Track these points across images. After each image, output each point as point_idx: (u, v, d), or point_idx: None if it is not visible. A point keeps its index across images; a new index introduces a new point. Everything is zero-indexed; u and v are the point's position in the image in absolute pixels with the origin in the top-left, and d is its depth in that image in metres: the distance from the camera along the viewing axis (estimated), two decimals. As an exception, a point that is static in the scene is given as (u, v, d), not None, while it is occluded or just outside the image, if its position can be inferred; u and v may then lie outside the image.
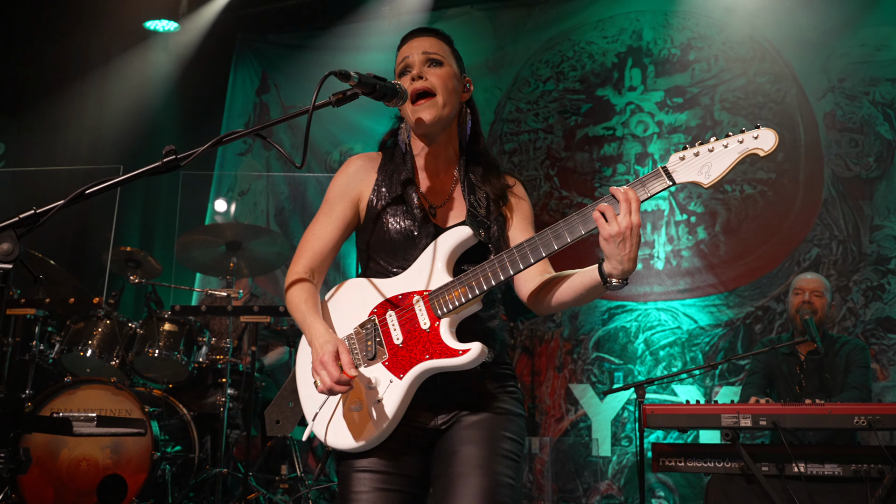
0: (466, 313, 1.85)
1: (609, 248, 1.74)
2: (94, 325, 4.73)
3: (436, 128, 1.97)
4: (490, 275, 1.81)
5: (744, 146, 1.73)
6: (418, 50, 1.99)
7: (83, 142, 7.23)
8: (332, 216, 2.01)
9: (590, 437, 5.77)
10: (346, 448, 1.86)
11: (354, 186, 2.03)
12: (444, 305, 1.82)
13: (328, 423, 1.89)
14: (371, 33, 6.96)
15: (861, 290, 5.38)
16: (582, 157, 6.27)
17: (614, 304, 5.95)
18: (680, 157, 1.76)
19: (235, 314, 4.66)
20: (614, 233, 1.72)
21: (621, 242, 1.72)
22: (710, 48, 6.06)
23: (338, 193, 2.03)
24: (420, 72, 1.96)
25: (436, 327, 1.82)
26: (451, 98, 1.98)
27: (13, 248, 1.55)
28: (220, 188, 7.31)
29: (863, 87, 5.62)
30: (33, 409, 4.35)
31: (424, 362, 1.80)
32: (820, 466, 3.49)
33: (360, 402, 1.85)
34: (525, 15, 6.62)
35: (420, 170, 2.04)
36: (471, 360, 1.77)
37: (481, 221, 1.95)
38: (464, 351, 1.78)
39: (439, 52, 2.00)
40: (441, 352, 1.80)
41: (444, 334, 1.81)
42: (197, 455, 4.65)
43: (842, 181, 5.57)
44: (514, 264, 1.80)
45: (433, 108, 1.94)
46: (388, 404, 1.81)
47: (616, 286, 1.79)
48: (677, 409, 3.66)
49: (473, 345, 1.78)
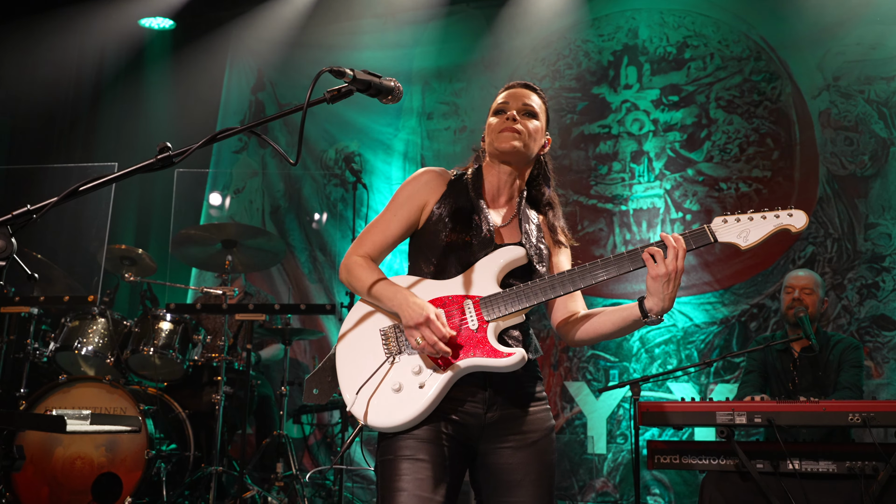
0: (510, 323, 2.07)
1: (655, 286, 1.99)
2: (88, 324, 4.72)
3: (512, 156, 2.19)
4: (539, 292, 2.04)
5: (779, 221, 2.04)
6: (520, 100, 2.23)
7: (77, 140, 7.21)
8: (398, 215, 2.19)
9: (585, 435, 5.77)
10: (382, 426, 1.99)
11: (423, 193, 2.20)
12: (493, 311, 2.04)
13: (368, 402, 2.01)
14: (367, 31, 6.95)
15: (856, 288, 5.39)
16: (577, 155, 6.27)
17: (609, 301, 5.95)
18: (723, 220, 2.05)
19: (231, 312, 4.65)
20: (662, 273, 1.98)
21: (666, 283, 1.97)
22: (706, 46, 6.07)
23: (407, 196, 2.20)
24: (516, 117, 2.18)
25: (483, 329, 2.02)
26: (532, 144, 2.21)
27: (7, 245, 1.54)
28: (216, 186, 7.30)
29: (858, 85, 5.63)
30: (28, 407, 4.33)
31: (470, 358, 2.00)
32: (814, 463, 3.49)
33: (401, 385, 2.00)
34: (521, 13, 6.61)
35: (487, 192, 2.24)
36: (514, 363, 1.98)
37: (534, 246, 2.17)
38: (508, 353, 1.99)
39: (537, 109, 2.23)
40: (487, 352, 2.00)
41: (490, 336, 2.02)
42: (192, 453, 4.64)
43: (837, 179, 5.58)
44: (562, 286, 2.04)
45: (519, 139, 2.17)
46: (430, 390, 1.98)
47: (652, 321, 2.03)
48: (673, 406, 3.66)
49: (518, 350, 2.00)
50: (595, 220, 6.11)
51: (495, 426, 2.06)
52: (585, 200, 6.15)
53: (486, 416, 2.05)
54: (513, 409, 2.08)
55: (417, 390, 1.99)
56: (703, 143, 5.95)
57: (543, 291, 2.05)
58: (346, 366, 2.10)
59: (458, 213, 2.16)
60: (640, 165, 6.07)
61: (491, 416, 2.06)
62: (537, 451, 2.08)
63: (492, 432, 2.06)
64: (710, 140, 5.94)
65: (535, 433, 2.10)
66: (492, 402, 2.06)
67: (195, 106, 7.23)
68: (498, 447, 2.06)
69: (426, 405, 1.98)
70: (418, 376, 2.01)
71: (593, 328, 2.15)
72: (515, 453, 2.06)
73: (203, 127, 7.05)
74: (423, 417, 1.99)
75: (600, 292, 5.97)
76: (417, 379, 2.01)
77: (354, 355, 2.10)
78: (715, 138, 5.93)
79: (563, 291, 2.05)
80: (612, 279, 2.06)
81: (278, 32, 7.16)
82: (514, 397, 2.09)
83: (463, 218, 2.16)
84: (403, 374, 2.02)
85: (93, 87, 7.36)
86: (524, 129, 2.18)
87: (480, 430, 2.06)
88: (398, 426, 1.99)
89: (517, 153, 2.18)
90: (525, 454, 2.06)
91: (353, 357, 2.10)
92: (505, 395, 2.07)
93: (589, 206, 6.14)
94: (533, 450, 2.08)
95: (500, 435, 2.06)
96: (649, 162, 6.05)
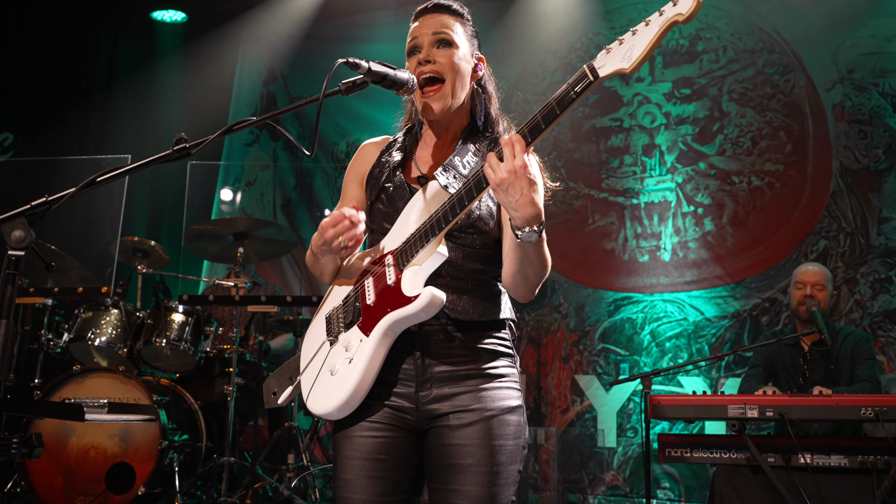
0: (431, 264, 1.78)
1: (501, 197, 1.63)
2: (102, 315, 4.75)
3: (445, 117, 1.95)
4: (441, 217, 1.75)
5: (663, 18, 1.54)
6: (429, 29, 1.93)
7: (91, 132, 7.25)
8: (345, 200, 2.06)
9: (595, 428, 5.78)
10: (322, 412, 1.83)
11: (361, 168, 2.06)
12: (404, 258, 1.80)
13: (310, 389, 1.87)
14: (378, 24, 6.95)
15: (868, 283, 5.36)
16: (589, 149, 6.26)
17: (620, 295, 5.94)
18: (606, 51, 1.58)
19: (243, 304, 4.68)
20: (500, 180, 1.60)
21: (509, 188, 1.60)
22: (719, 39, 6.04)
23: (349, 179, 2.08)
24: (428, 54, 1.90)
25: (398, 280, 1.79)
26: (461, 81, 1.92)
27: (25, 235, 1.56)
28: (227, 178, 7.33)
29: (872, 78, 5.59)
30: (42, 397, 4.37)
31: (386, 316, 1.76)
32: (826, 458, 3.49)
33: (335, 366, 1.83)
34: (532, 5, 6.59)
35: (423, 145, 2.03)
36: (422, 305, 1.71)
37: (456, 175, 1.86)
38: (414, 297, 1.72)
39: (449, 31, 1.93)
40: (398, 302, 1.75)
41: (405, 284, 1.76)
42: (204, 444, 4.68)
43: (850, 173, 5.55)
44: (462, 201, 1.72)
45: (442, 99, 1.90)
46: (358, 363, 1.78)
47: (527, 235, 1.65)
48: (684, 399, 3.66)
49: (424, 290, 1.72)
50: (606, 213, 6.09)
51: (432, 404, 1.81)
52: (597, 194, 6.14)
53: (419, 395, 1.81)
54: (452, 387, 1.81)
55: (347, 367, 1.79)
56: (716, 137, 5.92)
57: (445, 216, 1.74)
58: (304, 360, 1.96)
59: (387, 175, 1.97)
60: (651, 159, 6.05)
61: (424, 395, 1.81)
62: (484, 432, 1.78)
63: (429, 413, 1.81)
64: (722, 133, 5.91)
65: (482, 411, 1.79)
66: (423, 380, 1.82)
67: (207, 98, 7.26)
68: (436, 426, 1.81)
69: (356, 382, 1.76)
70: (348, 352, 1.82)
71: (505, 271, 1.85)
72: (455, 433, 1.78)
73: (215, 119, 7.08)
74: (358, 396, 1.78)
75: (611, 286, 5.96)
76: (347, 355, 1.81)
77: (308, 350, 1.97)
78: (727, 131, 5.90)
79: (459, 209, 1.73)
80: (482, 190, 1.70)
81: (290, 25, 7.17)
82: (454, 375, 1.82)
83: (390, 178, 1.96)
84: (338, 355, 1.84)
85: (106, 80, 7.39)
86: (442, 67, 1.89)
87: (416, 412, 1.82)
88: (335, 410, 1.79)
89: (447, 111, 1.92)
90: (468, 434, 1.78)
91: (307, 350, 1.96)
92: (441, 373, 1.82)
93: (600, 200, 6.13)
94: (479, 429, 1.78)
95: (439, 413, 1.81)
96: (661, 155, 6.03)
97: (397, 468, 1.82)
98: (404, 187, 1.93)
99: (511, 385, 1.87)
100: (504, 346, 1.90)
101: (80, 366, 4.53)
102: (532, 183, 1.61)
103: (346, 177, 2.09)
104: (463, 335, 1.84)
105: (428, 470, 1.84)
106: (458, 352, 1.84)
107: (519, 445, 1.83)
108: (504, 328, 1.92)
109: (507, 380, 1.87)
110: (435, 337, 1.83)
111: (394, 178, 1.95)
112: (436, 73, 1.90)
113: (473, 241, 1.88)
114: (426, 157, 2.01)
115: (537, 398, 5.91)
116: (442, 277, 1.84)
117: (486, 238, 1.89)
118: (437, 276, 1.82)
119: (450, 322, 1.83)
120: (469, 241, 1.88)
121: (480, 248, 1.89)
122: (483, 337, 1.86)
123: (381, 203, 1.95)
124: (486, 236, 1.89)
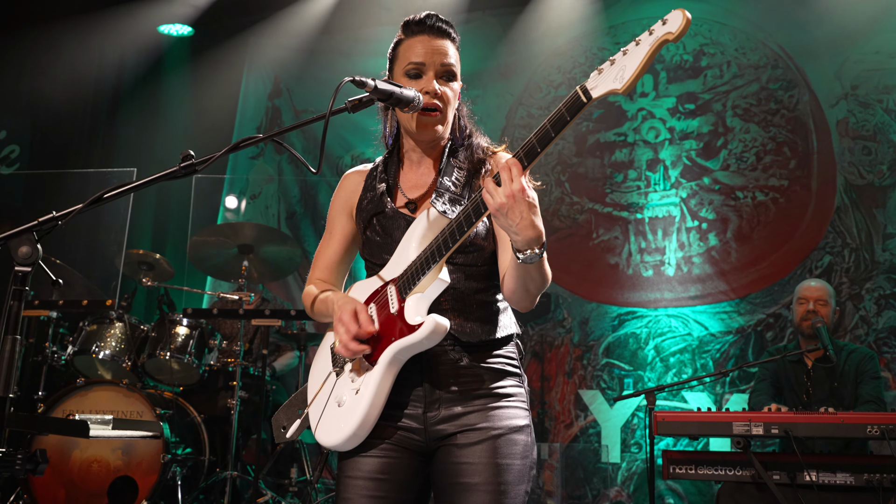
0: (434, 291, 1.79)
1: (501, 222, 1.63)
2: (106, 327, 4.76)
3: (438, 140, 1.97)
4: (441, 244, 1.74)
5: (653, 37, 1.49)
6: (438, 59, 1.93)
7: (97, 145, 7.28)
8: (333, 233, 2.08)
9: (599, 444, 5.75)
10: (331, 445, 1.83)
11: (348, 200, 2.06)
12: (407, 286, 1.80)
13: (318, 421, 1.88)
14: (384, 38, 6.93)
15: (874, 299, 5.35)
16: (593, 163, 6.27)
17: (624, 310, 5.94)
18: (598, 72, 1.56)
19: (247, 317, 4.68)
20: (499, 205, 1.60)
21: (509, 212, 1.60)
22: (723, 54, 6.05)
23: (335, 211, 2.09)
24: (436, 88, 1.92)
25: (401, 308, 1.79)
26: (452, 111, 1.97)
27: (32, 251, 1.56)
28: (232, 191, 7.34)
29: (876, 94, 5.60)
30: (45, 410, 4.37)
31: (391, 346, 1.76)
32: (832, 475, 3.47)
33: (342, 398, 1.84)
34: (537, 21, 6.62)
35: (406, 169, 2.02)
36: (426, 333, 1.72)
37: (452, 198, 1.86)
38: (418, 325, 1.72)
39: (455, 64, 1.97)
40: (403, 331, 1.75)
41: (409, 312, 1.76)
42: (207, 458, 4.67)
43: (854, 189, 5.55)
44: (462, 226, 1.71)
45: (438, 125, 1.93)
46: (365, 394, 1.78)
47: (529, 257, 1.65)
48: (689, 416, 3.65)
49: (428, 317, 1.72)
50: (610, 228, 6.10)
51: (440, 425, 1.81)
52: (601, 208, 6.15)
53: (427, 415, 1.81)
54: (460, 407, 1.81)
55: (354, 398, 1.80)
56: (720, 152, 5.93)
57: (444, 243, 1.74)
58: (311, 392, 1.97)
59: (376, 204, 1.97)
60: (655, 173, 6.06)
61: (432, 416, 1.81)
62: (491, 450, 1.77)
63: (437, 433, 1.81)
64: (726, 148, 5.92)
65: (490, 430, 1.79)
66: (432, 401, 1.82)
67: (213, 111, 7.29)
68: (443, 444, 1.81)
69: (363, 413, 1.76)
70: (354, 384, 1.82)
71: (506, 286, 1.83)
72: (462, 451, 1.78)
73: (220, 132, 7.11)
74: (366, 427, 1.78)
75: (615, 301, 5.95)
76: (353, 386, 1.81)
77: (314, 380, 1.97)
78: (731, 146, 5.91)
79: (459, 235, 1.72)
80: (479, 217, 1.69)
81: (295, 39, 7.21)
82: (462, 395, 1.82)
83: (375, 206, 1.97)
84: (344, 385, 1.85)
85: (112, 93, 7.44)
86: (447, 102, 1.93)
87: (424, 433, 1.82)
88: (344, 442, 1.80)
89: (441, 136, 1.96)
90: (475, 452, 1.77)
91: (314, 381, 1.97)
92: (449, 393, 1.82)
93: (604, 214, 6.13)
94: (486, 448, 1.77)
95: (447, 433, 1.81)
96: (665, 170, 6.04)
97: (399, 489, 1.82)
98: (398, 216, 1.93)
99: (518, 405, 1.87)
100: (511, 365, 1.90)
101: (83, 378, 4.54)
102: (531, 206, 1.61)
103: (332, 208, 2.09)
104: (470, 356, 1.84)
105: (435, 489, 1.84)
106: (466, 372, 1.84)
107: (526, 465, 1.82)
108: (510, 344, 1.92)
109: (515, 399, 1.87)
110: (443, 358, 1.83)
111: (385, 208, 1.95)
112: (440, 108, 1.93)
113: (473, 259, 1.89)
114: (413, 179, 2.01)
115: (541, 413, 5.89)
116: (446, 301, 1.85)
117: (483, 254, 1.90)
118: (440, 300, 1.83)
119: (457, 344, 1.84)
120: (468, 261, 1.89)
121: (480, 266, 1.90)
122: (490, 356, 1.87)
123: (376, 235, 1.95)
124: (483, 252, 1.90)
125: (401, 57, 1.96)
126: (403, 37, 1.99)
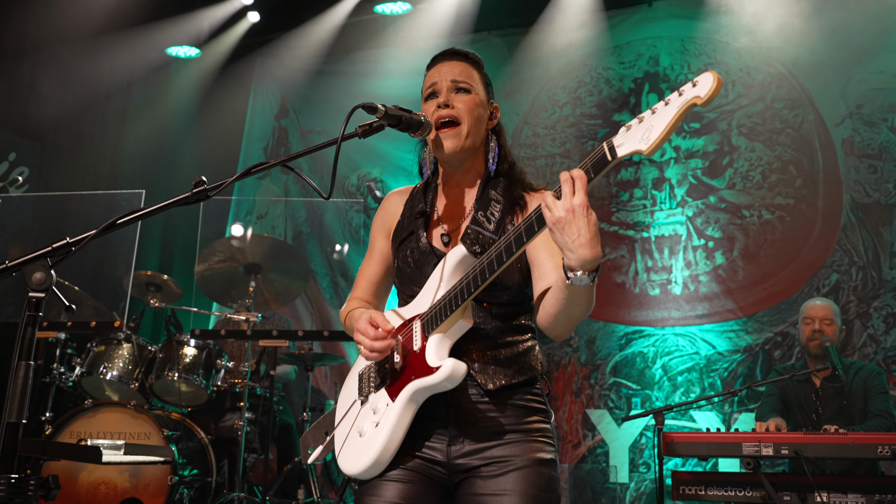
0: (458, 330, 1.78)
1: (557, 238, 1.53)
2: (114, 349, 4.77)
3: (457, 156, 1.94)
4: (465, 286, 1.71)
5: (683, 98, 1.42)
6: (447, 76, 1.95)
7: (105, 166, 7.33)
8: (374, 253, 2.10)
9: (607, 464, 5.72)
10: (351, 473, 1.85)
11: (388, 222, 2.07)
12: (431, 324, 1.78)
13: (341, 447, 1.91)
14: (390, 59, 7.03)
15: (882, 317, 5.33)
16: (599, 182, 6.25)
17: (631, 329, 5.92)
18: (626, 128, 1.51)
19: (255, 338, 4.68)
20: (557, 219, 1.52)
21: (566, 227, 1.51)
22: (728, 74, 6.08)
23: (376, 230, 2.10)
24: (446, 99, 1.92)
25: (423, 347, 1.77)
26: (476, 127, 1.94)
27: (46, 277, 1.58)
28: (239, 212, 7.38)
29: (881, 113, 5.61)
30: (53, 431, 4.38)
31: (410, 384, 1.76)
32: (843, 496, 3.44)
33: (364, 428, 1.86)
34: (542, 41, 6.66)
35: (443, 197, 2.02)
36: (443, 377, 1.70)
37: (482, 237, 1.82)
38: (435, 368, 1.71)
39: (468, 80, 1.96)
40: (422, 371, 1.75)
41: (429, 353, 1.75)
42: (214, 479, 4.66)
43: (861, 207, 5.55)
44: (490, 267, 1.66)
45: (456, 138, 1.90)
46: (384, 428, 1.79)
47: (579, 279, 1.55)
48: (698, 436, 3.63)
49: (446, 361, 1.71)
50: (616, 246, 6.10)
51: (463, 458, 1.80)
52: (607, 227, 6.15)
53: (451, 448, 1.81)
54: (484, 441, 1.80)
55: (374, 430, 1.81)
56: (726, 170, 5.94)
57: (469, 285, 1.70)
58: (338, 415, 2.00)
59: (411, 232, 1.96)
60: (661, 192, 6.07)
61: (456, 450, 1.80)
62: (515, 481, 1.75)
63: (460, 467, 1.81)
64: (732, 167, 5.93)
65: (515, 460, 1.77)
66: (455, 434, 1.81)
67: (220, 132, 7.35)
68: (468, 477, 1.80)
69: (382, 446, 1.77)
70: (375, 415, 1.83)
71: (545, 311, 1.74)
72: (487, 482, 1.76)
73: (227, 153, 7.16)
74: (385, 458, 1.79)
75: (622, 319, 5.94)
76: (374, 418, 1.83)
77: (342, 405, 2.00)
78: (737, 165, 5.92)
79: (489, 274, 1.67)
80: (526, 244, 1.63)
81: (302, 60, 7.27)
82: (486, 432, 1.80)
83: (413, 236, 1.95)
84: (366, 417, 1.87)
85: (120, 114, 7.49)
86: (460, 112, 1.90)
87: (447, 466, 1.81)
88: (363, 471, 1.81)
89: (460, 151, 1.91)
90: (499, 484, 1.76)
91: (342, 406, 2.00)
92: (474, 428, 1.81)
93: (610, 233, 6.14)
94: (512, 478, 1.76)
95: (470, 466, 1.80)
96: (671, 189, 6.05)
97: None
98: (430, 252, 1.92)
99: (544, 440, 1.85)
100: (537, 402, 1.88)
101: (91, 400, 4.53)
102: (591, 223, 1.51)
103: (374, 227, 2.11)
104: (494, 396, 1.83)
105: None
106: (491, 407, 1.82)
107: (551, 501, 1.79)
108: (537, 383, 1.90)
109: (541, 434, 1.85)
110: (468, 392, 1.82)
111: (420, 242, 1.93)
112: (453, 117, 1.92)
113: (500, 298, 1.86)
114: (449, 210, 2.00)
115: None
116: (472, 342, 1.83)
117: (511, 292, 1.87)
118: (465, 341, 1.81)
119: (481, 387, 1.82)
120: (496, 300, 1.86)
121: (507, 305, 1.87)
122: (516, 396, 1.85)
123: (407, 266, 1.95)
124: (511, 290, 1.87)
125: (424, 87, 2.01)
126: (426, 71, 2.03)
